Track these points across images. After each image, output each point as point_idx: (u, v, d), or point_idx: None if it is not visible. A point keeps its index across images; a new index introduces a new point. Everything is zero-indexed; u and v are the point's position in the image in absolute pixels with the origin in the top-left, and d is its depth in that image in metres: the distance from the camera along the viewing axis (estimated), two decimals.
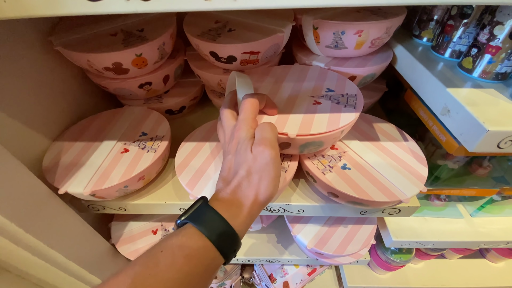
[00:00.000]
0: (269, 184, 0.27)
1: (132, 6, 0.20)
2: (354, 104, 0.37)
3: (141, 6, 0.20)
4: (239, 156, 0.28)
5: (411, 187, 0.36)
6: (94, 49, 0.39)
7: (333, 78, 0.42)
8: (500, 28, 0.33)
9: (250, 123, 0.30)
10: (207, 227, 0.24)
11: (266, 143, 0.27)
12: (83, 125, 0.46)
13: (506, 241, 0.53)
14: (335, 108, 0.36)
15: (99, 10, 0.21)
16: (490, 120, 0.31)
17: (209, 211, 0.26)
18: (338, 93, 0.39)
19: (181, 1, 0.20)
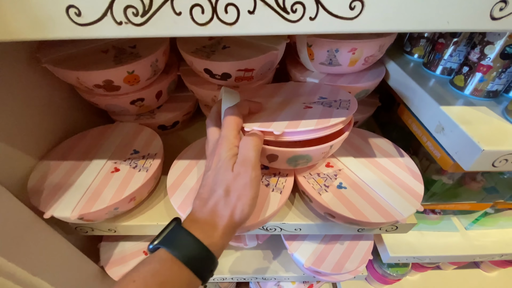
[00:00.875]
0: (246, 205, 0.27)
1: (124, 31, 0.20)
2: (347, 106, 0.36)
3: (134, 31, 0.20)
4: (219, 174, 0.28)
5: (407, 206, 0.35)
6: (84, 66, 0.38)
7: (326, 89, 0.42)
8: (490, 48, 0.34)
9: (231, 139, 0.29)
10: (181, 250, 0.24)
11: (247, 163, 0.27)
12: (72, 142, 0.45)
13: (501, 253, 0.53)
14: (327, 111, 0.35)
15: (89, 34, 0.20)
16: (484, 139, 0.31)
17: (182, 233, 0.25)
18: (331, 99, 0.38)
19: (175, 26, 0.19)
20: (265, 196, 0.37)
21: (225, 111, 0.31)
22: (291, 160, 0.34)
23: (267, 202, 0.36)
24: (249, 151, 0.28)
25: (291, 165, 0.36)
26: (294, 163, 0.36)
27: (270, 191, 0.37)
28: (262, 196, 0.37)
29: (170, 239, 0.25)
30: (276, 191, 0.37)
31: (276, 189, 0.37)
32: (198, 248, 0.24)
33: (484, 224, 0.55)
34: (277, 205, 0.35)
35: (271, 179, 0.39)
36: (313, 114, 0.34)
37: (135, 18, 0.19)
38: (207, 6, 0.18)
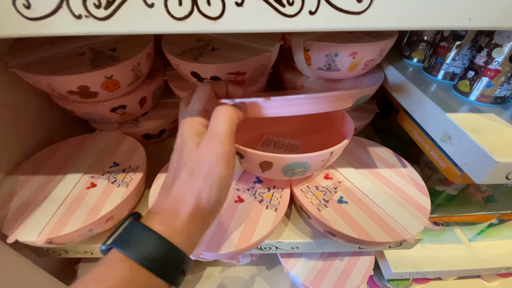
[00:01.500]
0: (213, 187, 0.22)
1: (84, 27, 0.16)
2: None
3: (97, 27, 0.16)
4: (182, 154, 0.23)
5: (414, 223, 0.32)
6: (55, 71, 0.34)
7: None
8: (499, 51, 0.32)
9: (197, 115, 0.25)
10: (133, 248, 0.20)
11: (214, 137, 0.23)
12: (45, 154, 0.40)
13: (507, 266, 0.51)
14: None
15: (42, 31, 0.17)
16: (497, 149, 0.28)
17: (137, 228, 0.21)
18: None
19: (148, 21, 0.16)
20: (258, 214, 0.33)
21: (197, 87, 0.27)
22: (287, 168, 0.31)
23: (261, 221, 0.32)
24: (219, 122, 0.23)
25: (287, 174, 0.33)
26: (290, 173, 0.32)
27: (264, 208, 0.34)
28: (255, 214, 0.33)
29: (123, 237, 0.21)
30: (271, 208, 0.34)
31: (270, 206, 0.34)
32: (155, 243, 0.20)
33: (488, 235, 0.53)
34: (271, 224, 0.32)
35: (265, 195, 0.36)
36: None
37: (97, 11, 0.16)
38: None
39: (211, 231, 0.31)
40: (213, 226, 0.32)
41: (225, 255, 0.30)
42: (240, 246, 0.29)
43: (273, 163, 0.30)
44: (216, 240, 0.30)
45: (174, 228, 0.21)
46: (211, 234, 0.31)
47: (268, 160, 0.30)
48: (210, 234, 0.31)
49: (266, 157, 0.29)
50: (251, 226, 0.32)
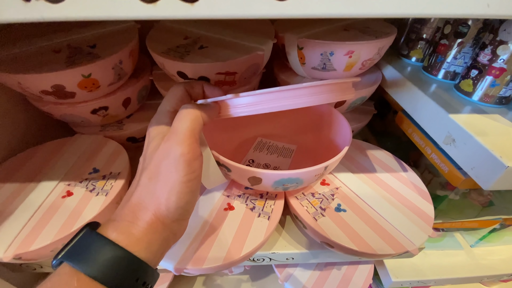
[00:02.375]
0: (172, 193, 0.20)
1: (35, 12, 0.14)
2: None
3: (50, 12, 0.14)
4: (145, 158, 0.22)
5: (417, 232, 0.30)
6: (27, 69, 0.31)
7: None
8: (504, 48, 0.30)
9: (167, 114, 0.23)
10: (86, 259, 0.18)
11: (171, 138, 0.21)
12: (19, 160, 0.37)
13: (510, 273, 0.49)
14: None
15: None
16: (506, 153, 0.26)
17: (90, 237, 0.19)
18: None
19: (111, 4, 0.13)
20: (249, 223, 0.30)
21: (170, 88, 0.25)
22: (278, 183, 0.29)
23: (253, 231, 0.29)
24: (180, 121, 0.21)
25: (279, 188, 0.31)
26: (282, 187, 0.30)
27: (256, 216, 0.31)
28: (246, 223, 0.30)
29: (74, 248, 0.19)
30: (263, 216, 0.31)
31: (263, 214, 0.31)
32: (109, 251, 0.18)
33: (490, 240, 0.51)
34: (263, 235, 0.29)
35: (257, 202, 0.33)
36: None
37: None
38: None
39: (196, 243, 0.29)
40: (199, 236, 0.29)
41: (212, 269, 0.27)
42: (228, 259, 0.27)
43: (262, 179, 0.28)
44: (202, 252, 0.28)
45: (131, 236, 0.19)
46: (196, 246, 0.28)
47: (257, 176, 0.27)
48: (195, 247, 0.28)
49: (255, 173, 0.27)
50: (242, 236, 0.29)
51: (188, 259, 0.27)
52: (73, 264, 0.18)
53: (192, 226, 0.30)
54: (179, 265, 0.26)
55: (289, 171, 0.26)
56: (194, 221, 0.31)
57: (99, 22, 0.40)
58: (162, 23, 0.42)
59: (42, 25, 0.39)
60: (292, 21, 0.43)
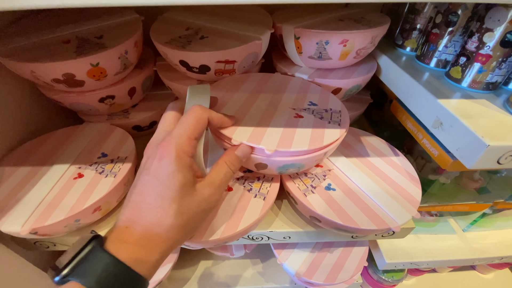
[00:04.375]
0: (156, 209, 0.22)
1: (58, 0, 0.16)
2: (338, 121, 0.33)
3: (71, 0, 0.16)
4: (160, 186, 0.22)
5: (402, 212, 0.32)
6: (39, 58, 0.33)
7: (315, 91, 0.39)
8: (490, 35, 0.31)
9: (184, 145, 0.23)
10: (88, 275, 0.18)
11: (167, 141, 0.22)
12: (32, 146, 0.39)
13: (500, 256, 0.51)
14: (318, 123, 0.32)
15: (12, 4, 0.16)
16: (488, 134, 0.28)
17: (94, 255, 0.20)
18: (321, 107, 0.35)
19: None
20: (246, 203, 0.32)
21: (190, 108, 0.25)
22: (282, 168, 0.31)
23: (249, 210, 0.32)
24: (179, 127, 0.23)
25: (281, 172, 0.33)
26: (284, 171, 0.32)
27: (253, 197, 0.33)
28: (243, 203, 0.33)
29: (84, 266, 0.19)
30: (259, 197, 0.33)
31: (259, 195, 0.33)
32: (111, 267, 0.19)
33: (482, 225, 0.53)
34: (259, 213, 0.31)
35: (254, 184, 0.35)
36: (304, 126, 0.31)
37: None
38: None
39: None
40: None
41: (210, 242, 0.29)
42: (225, 234, 0.29)
43: (268, 165, 0.30)
44: (201, 228, 0.30)
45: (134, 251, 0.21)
46: None
47: (264, 162, 0.30)
48: None
49: (262, 159, 0.29)
50: (239, 214, 0.31)
51: None
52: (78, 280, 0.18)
53: None
54: None
55: (293, 158, 0.29)
56: None
57: (105, 15, 0.42)
58: (165, 15, 0.44)
59: (51, 18, 0.42)
60: (290, 12, 0.45)
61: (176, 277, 0.56)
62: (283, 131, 0.30)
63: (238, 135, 0.29)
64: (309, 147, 0.28)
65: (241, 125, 0.30)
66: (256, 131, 0.30)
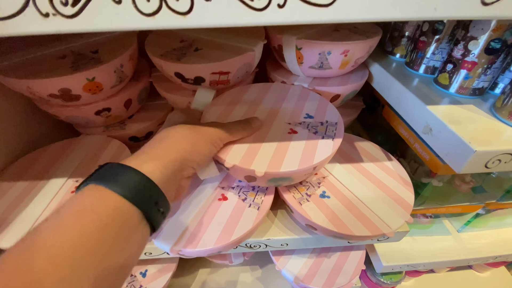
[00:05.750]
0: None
1: (53, 25, 0.16)
2: (332, 135, 0.34)
3: (66, 25, 0.16)
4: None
5: (395, 217, 0.33)
6: (35, 75, 0.34)
7: (314, 99, 0.39)
8: (474, 43, 0.33)
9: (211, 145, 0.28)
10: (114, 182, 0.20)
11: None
12: (29, 160, 0.40)
13: (495, 255, 0.52)
14: (311, 139, 0.33)
15: (10, 31, 0.16)
16: (475, 139, 0.29)
17: (116, 166, 0.21)
18: (317, 120, 0.36)
19: (117, 18, 0.16)
20: (240, 212, 0.33)
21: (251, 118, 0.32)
22: (271, 181, 0.32)
23: (243, 220, 0.32)
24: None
25: (272, 185, 0.34)
26: (274, 183, 0.33)
27: (247, 206, 0.34)
28: (237, 212, 0.33)
29: (101, 174, 0.20)
30: (253, 207, 0.34)
31: (253, 204, 0.34)
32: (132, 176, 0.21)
33: (476, 225, 0.54)
34: (252, 223, 0.31)
35: (249, 193, 0.36)
36: (297, 142, 0.32)
37: (64, 9, 0.16)
38: None
39: (191, 228, 0.31)
40: (193, 223, 0.32)
41: (204, 252, 0.30)
42: (219, 243, 0.29)
43: (257, 178, 0.31)
44: (196, 237, 0.30)
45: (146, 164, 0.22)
46: (191, 231, 0.31)
47: (252, 175, 0.30)
48: (190, 231, 0.31)
49: (250, 172, 0.30)
50: (232, 224, 0.32)
51: (183, 242, 0.30)
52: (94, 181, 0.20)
53: (188, 213, 0.33)
54: (175, 246, 0.29)
55: (282, 171, 0.29)
56: (191, 209, 0.33)
57: None
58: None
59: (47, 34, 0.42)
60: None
61: (176, 285, 0.56)
62: (276, 149, 0.31)
63: (233, 154, 0.30)
64: (299, 166, 0.29)
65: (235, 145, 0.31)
66: (251, 149, 0.31)
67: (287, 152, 0.31)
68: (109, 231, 0.18)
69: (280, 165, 0.29)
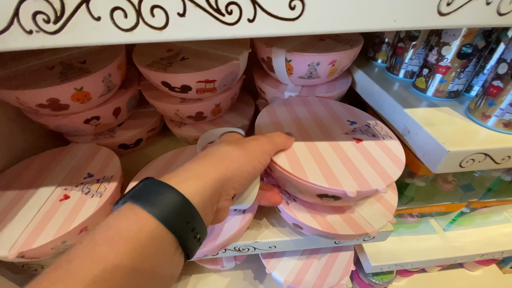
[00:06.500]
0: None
1: (37, 41, 0.17)
2: (388, 134, 0.36)
3: (49, 41, 0.17)
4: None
5: (379, 218, 0.34)
6: (24, 85, 0.34)
7: (337, 107, 0.41)
8: (447, 49, 0.34)
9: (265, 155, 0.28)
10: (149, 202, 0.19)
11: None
12: (18, 169, 0.40)
13: (481, 253, 0.53)
14: (377, 142, 0.34)
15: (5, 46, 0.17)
16: (449, 140, 0.30)
17: (155, 185, 0.20)
18: (362, 123, 0.38)
19: (97, 33, 0.17)
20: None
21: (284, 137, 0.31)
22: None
23: (227, 225, 0.33)
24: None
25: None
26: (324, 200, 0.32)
27: (232, 210, 0.34)
28: None
29: (138, 192, 0.19)
30: (238, 210, 0.34)
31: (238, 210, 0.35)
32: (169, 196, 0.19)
33: (461, 224, 0.55)
34: (238, 226, 0.32)
35: None
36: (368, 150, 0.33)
37: (47, 26, 0.16)
38: (130, 9, 0.16)
39: None
40: None
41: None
42: (204, 247, 0.30)
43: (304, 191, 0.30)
44: None
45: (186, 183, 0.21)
46: None
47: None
48: None
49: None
50: (218, 228, 0.32)
51: None
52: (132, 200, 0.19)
53: None
54: None
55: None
56: None
57: None
58: None
59: None
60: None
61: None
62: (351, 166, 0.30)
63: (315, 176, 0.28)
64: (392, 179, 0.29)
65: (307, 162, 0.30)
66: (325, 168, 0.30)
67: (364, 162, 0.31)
68: (143, 261, 0.17)
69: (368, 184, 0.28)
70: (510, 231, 0.57)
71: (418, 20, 0.19)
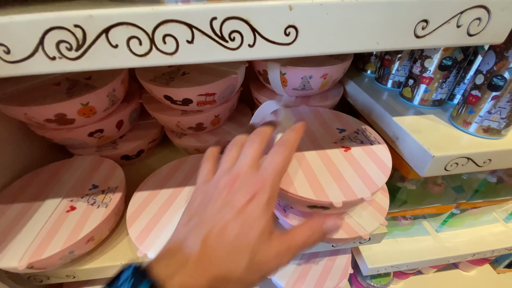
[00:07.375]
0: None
1: (58, 67, 0.19)
2: (376, 139, 0.37)
3: (70, 66, 0.19)
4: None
5: (371, 221, 0.36)
6: (32, 102, 0.36)
7: (328, 115, 0.42)
8: (429, 61, 0.37)
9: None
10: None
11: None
12: (23, 182, 0.41)
13: (473, 253, 0.55)
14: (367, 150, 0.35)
15: (21, 71, 0.19)
16: (434, 145, 0.33)
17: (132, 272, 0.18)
18: (351, 131, 0.39)
19: (114, 59, 0.19)
20: None
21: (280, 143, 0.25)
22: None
23: None
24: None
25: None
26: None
27: None
28: None
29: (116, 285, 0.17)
30: None
31: None
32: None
33: (453, 225, 0.57)
34: None
35: None
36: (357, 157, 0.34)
37: (69, 53, 0.18)
38: (144, 37, 0.18)
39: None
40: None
41: None
42: None
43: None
44: None
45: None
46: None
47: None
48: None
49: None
50: None
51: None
52: None
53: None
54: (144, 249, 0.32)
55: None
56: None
57: None
58: None
59: None
60: None
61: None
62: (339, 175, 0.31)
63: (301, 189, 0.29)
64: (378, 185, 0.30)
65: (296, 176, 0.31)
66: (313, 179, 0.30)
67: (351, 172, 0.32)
68: None
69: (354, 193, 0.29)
70: (499, 231, 0.60)
71: (398, 42, 0.21)
